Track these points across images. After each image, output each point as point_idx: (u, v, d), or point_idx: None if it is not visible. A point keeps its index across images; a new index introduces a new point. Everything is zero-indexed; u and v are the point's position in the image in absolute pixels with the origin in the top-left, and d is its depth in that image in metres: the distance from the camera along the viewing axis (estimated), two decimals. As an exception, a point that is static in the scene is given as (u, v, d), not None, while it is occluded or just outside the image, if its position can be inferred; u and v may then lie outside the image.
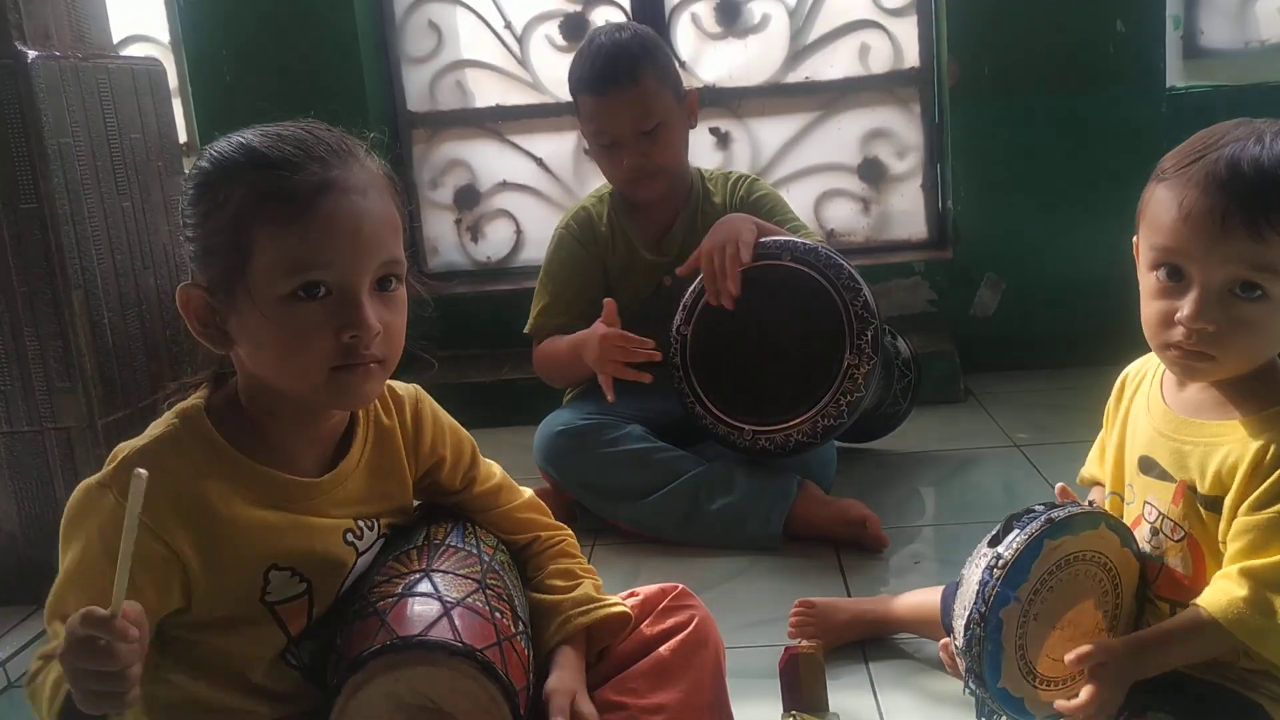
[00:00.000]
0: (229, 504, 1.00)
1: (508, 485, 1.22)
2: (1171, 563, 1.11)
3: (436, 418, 1.18)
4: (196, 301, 1.00)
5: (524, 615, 1.09)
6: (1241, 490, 1.04)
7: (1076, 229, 2.74)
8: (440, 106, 3.12)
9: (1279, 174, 0.98)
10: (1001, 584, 1.04)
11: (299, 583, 1.04)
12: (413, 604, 1.00)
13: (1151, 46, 2.71)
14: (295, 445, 1.05)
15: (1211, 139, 1.03)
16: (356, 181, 0.99)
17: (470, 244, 3.18)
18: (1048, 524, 1.06)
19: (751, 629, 1.60)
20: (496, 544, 1.17)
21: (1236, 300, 1.01)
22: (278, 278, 0.96)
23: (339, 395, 1.01)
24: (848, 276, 1.87)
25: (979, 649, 1.05)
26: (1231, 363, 1.05)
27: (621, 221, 2.14)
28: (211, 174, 0.99)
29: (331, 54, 2.90)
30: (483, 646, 0.97)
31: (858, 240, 3.02)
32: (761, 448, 1.89)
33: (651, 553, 1.92)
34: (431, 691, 0.95)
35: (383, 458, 1.12)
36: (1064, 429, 2.35)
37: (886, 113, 2.98)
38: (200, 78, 2.95)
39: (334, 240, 0.96)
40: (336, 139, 1.02)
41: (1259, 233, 0.99)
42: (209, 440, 1.01)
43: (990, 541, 1.09)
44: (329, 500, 1.06)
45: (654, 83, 2.02)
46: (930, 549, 1.88)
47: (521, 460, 2.20)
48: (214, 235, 0.98)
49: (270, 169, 0.97)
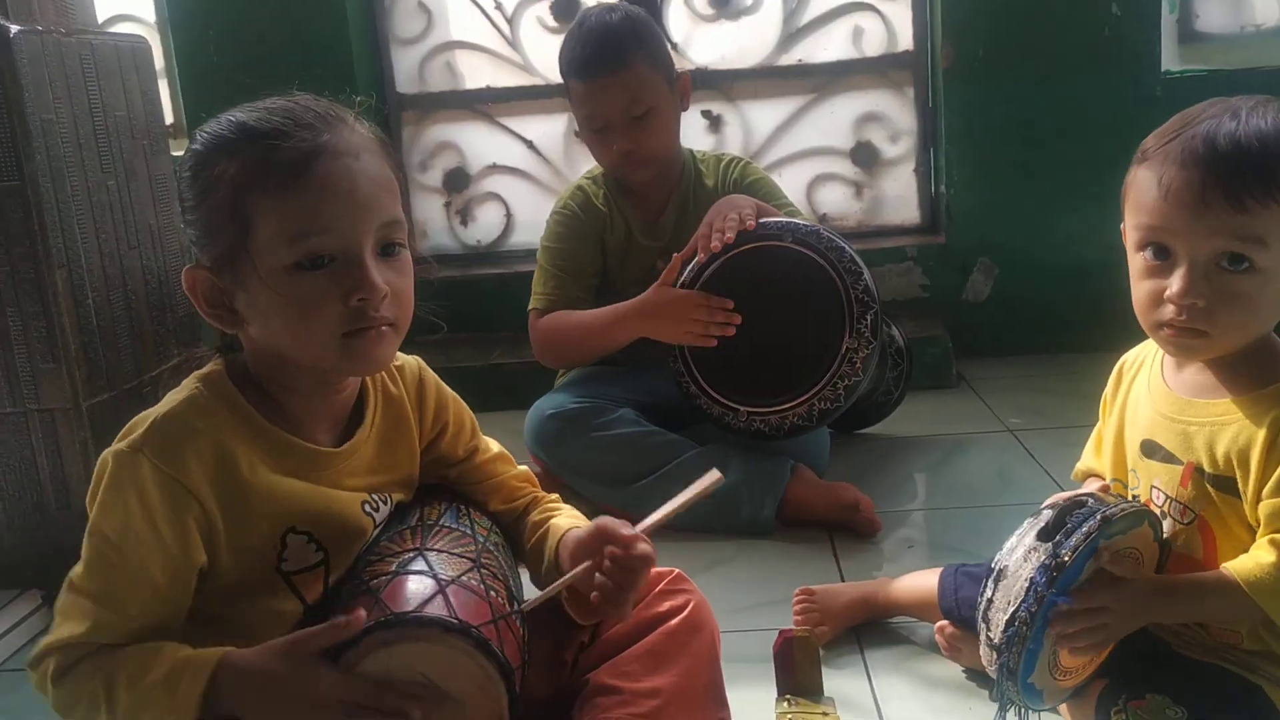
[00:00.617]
0: (254, 468, 1.01)
1: (505, 456, 1.24)
2: (1181, 546, 1.10)
3: (439, 387, 1.19)
4: (203, 283, 1.00)
5: (518, 594, 1.08)
6: (1260, 474, 1.03)
7: (1070, 214, 2.73)
8: (430, 88, 3.09)
9: (1255, 145, 0.99)
10: (1058, 585, 1.02)
11: (316, 551, 1.04)
12: (407, 582, 0.99)
13: (1146, 30, 2.70)
14: (310, 417, 1.06)
15: (1189, 118, 1.03)
16: (348, 145, 1.00)
17: (460, 227, 3.15)
18: (1104, 523, 1.04)
19: (745, 613, 1.59)
20: (490, 526, 1.17)
21: (1224, 273, 1.01)
22: (280, 248, 0.96)
23: (354, 361, 1.01)
24: (849, 259, 1.85)
25: (1020, 647, 1.03)
26: (1224, 337, 1.05)
27: (618, 202, 2.13)
28: (204, 154, 0.99)
29: (320, 35, 2.87)
30: (478, 624, 0.95)
31: (850, 225, 3.00)
32: (756, 429, 1.88)
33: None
34: (427, 669, 0.94)
35: (392, 427, 1.13)
36: (1056, 414, 2.35)
37: (880, 96, 2.96)
38: (186, 58, 2.92)
39: (331, 204, 0.97)
40: (324, 106, 1.02)
41: (1240, 203, 0.99)
42: (234, 404, 1.02)
43: (1041, 534, 1.06)
44: (345, 470, 1.07)
45: (645, 67, 1.99)
46: (923, 533, 1.88)
47: (512, 444, 2.17)
48: (212, 214, 0.98)
49: (260, 140, 0.97)
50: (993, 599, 1.07)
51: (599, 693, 1.12)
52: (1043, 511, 1.09)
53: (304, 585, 1.04)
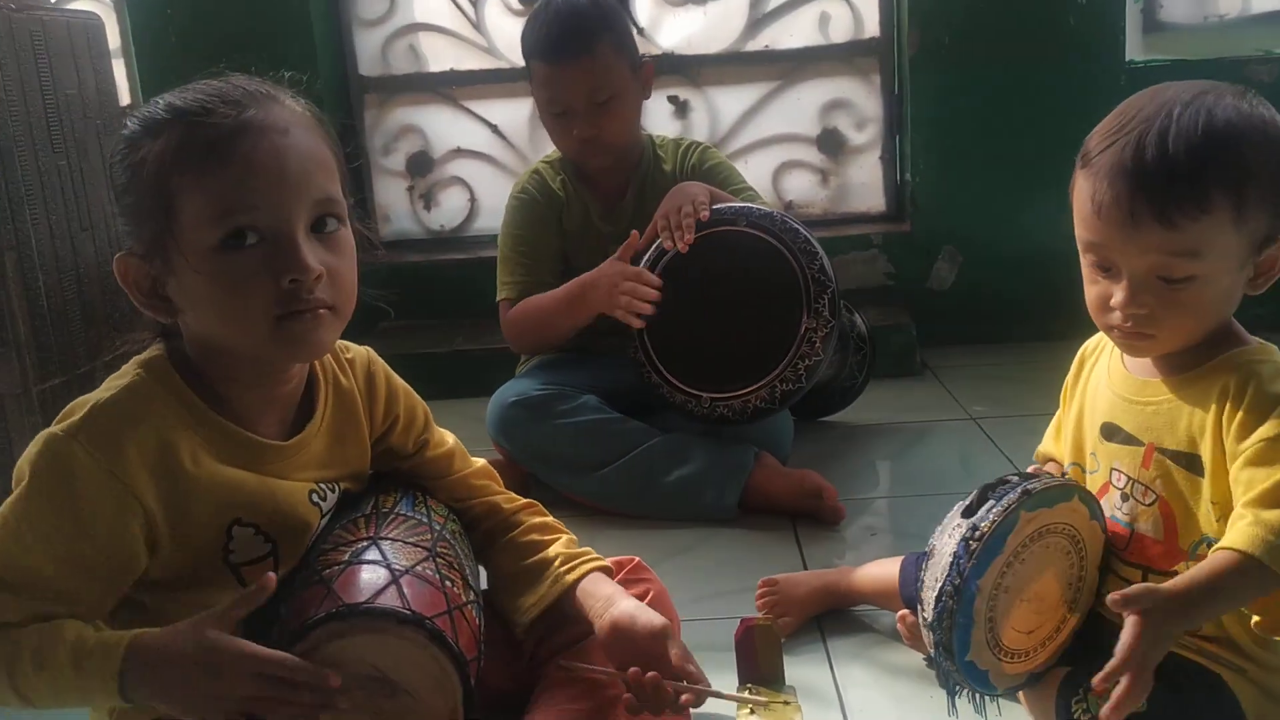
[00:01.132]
0: (196, 458, 0.98)
1: (461, 452, 1.21)
2: (1142, 528, 1.10)
3: (390, 379, 1.16)
4: (135, 271, 0.97)
5: (475, 585, 1.06)
6: (1215, 438, 1.02)
7: (1034, 202, 2.73)
8: (393, 71, 3.05)
9: (1183, 159, 0.97)
10: (977, 558, 1.02)
11: (264, 543, 1.02)
12: (360, 571, 0.97)
13: (1111, 19, 2.71)
14: (254, 409, 1.03)
15: (1126, 117, 1.02)
16: (275, 120, 0.96)
17: (423, 212, 3.12)
18: (1024, 495, 1.04)
19: (707, 601, 1.58)
20: (447, 514, 1.15)
21: (1165, 285, 1.01)
22: (203, 228, 0.93)
23: (289, 346, 0.97)
24: (804, 241, 1.85)
25: (949, 622, 1.03)
26: (1172, 339, 1.05)
27: (576, 186, 2.11)
28: (131, 137, 0.97)
29: (280, 15, 2.82)
30: (432, 615, 0.94)
31: (815, 212, 3.00)
32: (720, 415, 1.87)
33: (607, 525, 1.89)
34: (380, 661, 0.92)
35: (343, 420, 1.10)
36: (1019, 401, 2.35)
37: (846, 83, 2.95)
38: (144, 38, 2.86)
39: (256, 181, 0.93)
40: (255, 84, 0.99)
41: (1169, 220, 0.98)
42: (176, 391, 0.99)
43: (964, 512, 1.07)
44: (293, 464, 1.04)
45: (610, 53, 1.97)
46: (886, 521, 1.88)
47: (475, 432, 2.16)
48: (140, 198, 0.95)
49: (183, 118, 0.94)
50: (923, 579, 1.07)
51: (559, 681, 1.11)
52: (971, 493, 1.09)
53: (253, 577, 1.00)
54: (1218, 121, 0.98)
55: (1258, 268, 1.03)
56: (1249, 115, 1.00)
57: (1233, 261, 1.01)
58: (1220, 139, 0.97)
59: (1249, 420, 0.99)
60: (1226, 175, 0.97)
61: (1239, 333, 1.08)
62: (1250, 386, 1.01)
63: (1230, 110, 0.99)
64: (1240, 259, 1.02)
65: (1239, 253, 1.01)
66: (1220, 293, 1.03)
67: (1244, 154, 0.98)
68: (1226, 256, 1.01)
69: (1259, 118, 1.01)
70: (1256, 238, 1.01)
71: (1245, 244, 1.01)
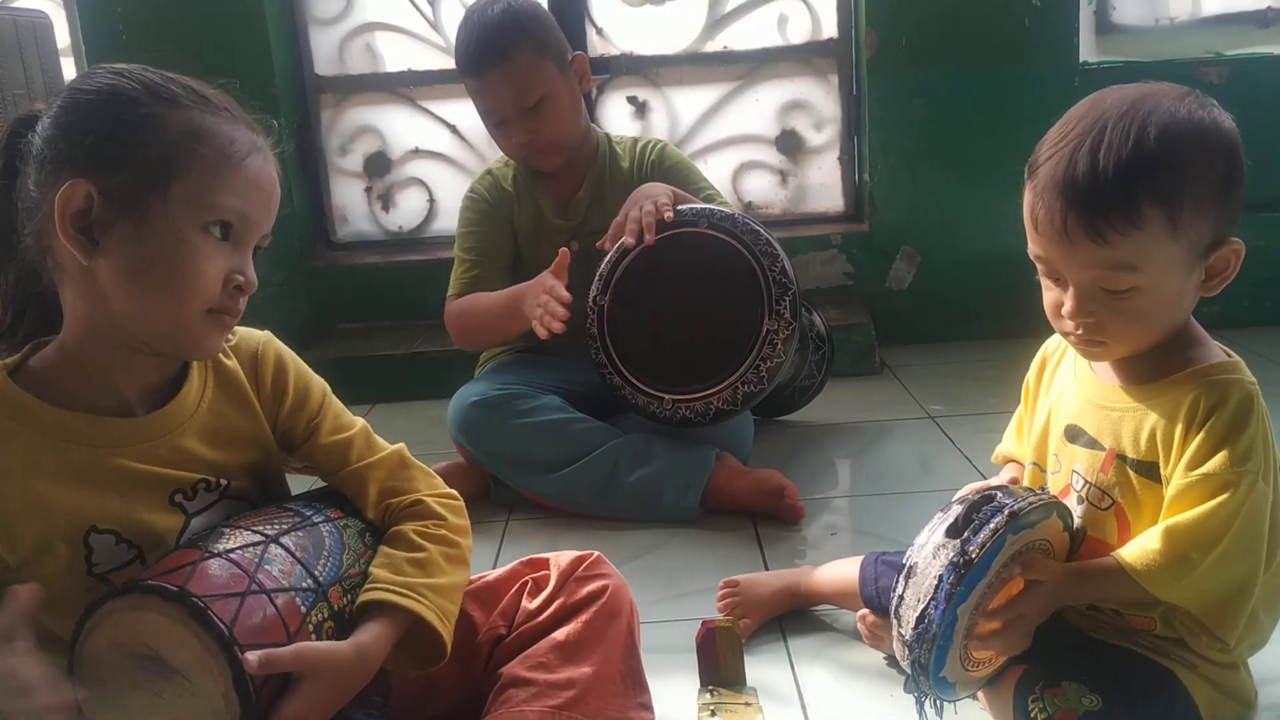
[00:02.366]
0: (34, 466, 0.96)
1: (362, 442, 1.13)
2: (1096, 532, 1.11)
3: (280, 356, 1.13)
4: (80, 200, 0.95)
5: (326, 576, 1.00)
6: (1177, 457, 1.04)
7: (990, 202, 2.76)
8: (349, 70, 3.02)
9: (1112, 176, 0.97)
10: (965, 584, 1.02)
11: (128, 549, 0.99)
12: (176, 555, 0.94)
13: (1065, 21, 2.74)
14: (119, 384, 1.02)
15: (1065, 129, 1.03)
16: (271, 153, 1.05)
17: (381, 213, 3.09)
18: (1011, 519, 1.03)
19: (669, 602, 1.58)
20: (350, 512, 1.10)
21: (1108, 295, 1.02)
22: (200, 203, 0.97)
23: (203, 340, 1.02)
24: (765, 243, 1.86)
25: (930, 645, 1.03)
26: (1124, 346, 1.07)
27: (528, 183, 2.12)
28: (144, 92, 0.98)
29: (235, 13, 2.79)
30: (210, 593, 0.89)
31: (775, 213, 3.01)
32: (682, 417, 1.87)
33: (568, 526, 1.89)
34: (151, 640, 0.88)
35: (226, 400, 1.08)
36: (977, 400, 2.37)
37: (804, 84, 2.97)
38: (93, 36, 2.81)
39: (253, 195, 1.01)
40: (252, 113, 1.06)
41: (1101, 237, 0.99)
42: (5, 396, 0.98)
43: (949, 531, 1.05)
44: (162, 447, 1.02)
45: (529, 56, 1.97)
46: (846, 519, 1.88)
47: (435, 434, 2.15)
48: (139, 147, 0.96)
49: (214, 112, 1.00)
50: (904, 596, 1.06)
51: (512, 685, 1.10)
52: (952, 506, 1.08)
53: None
54: (1149, 133, 0.98)
55: (1209, 270, 1.04)
56: (1185, 120, 1.00)
57: (1175, 269, 1.02)
58: (1151, 152, 0.97)
59: (1201, 451, 1.02)
60: (1157, 189, 0.97)
61: (1201, 338, 1.09)
62: (1215, 415, 1.02)
63: (1165, 117, 0.99)
64: (1184, 265, 1.02)
65: (1181, 260, 1.02)
66: (1167, 299, 1.04)
67: (1176, 165, 0.98)
68: (1167, 265, 1.01)
69: (1196, 122, 1.00)
70: (1200, 243, 1.02)
71: (1186, 251, 1.01)
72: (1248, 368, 1.08)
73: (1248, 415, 1.02)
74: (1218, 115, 1.03)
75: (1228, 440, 1.00)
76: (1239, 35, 2.89)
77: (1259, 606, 1.08)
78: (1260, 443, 1.02)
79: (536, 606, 1.17)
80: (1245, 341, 2.29)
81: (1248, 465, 1.00)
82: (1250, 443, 1.01)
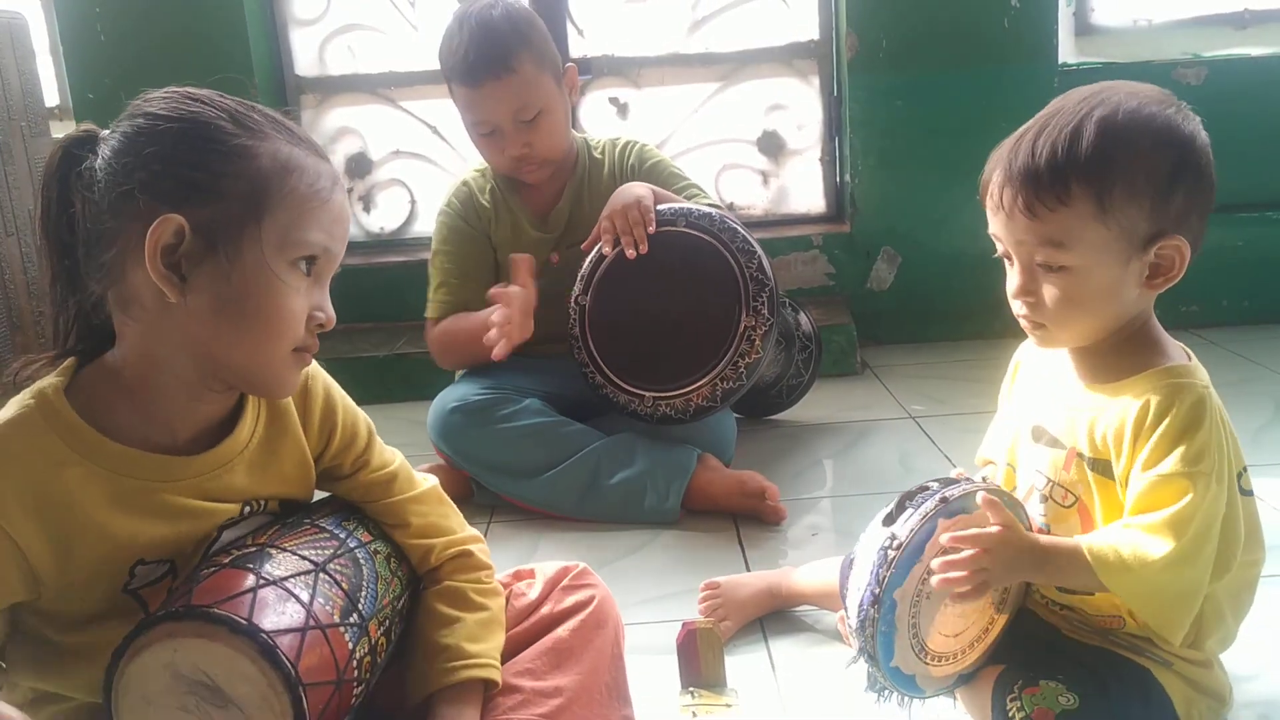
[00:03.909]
0: (89, 495, 0.93)
1: (405, 476, 1.14)
2: (1060, 531, 1.12)
3: (329, 392, 1.11)
4: (170, 235, 0.91)
5: (367, 608, 1.00)
6: (1131, 455, 1.05)
7: (970, 203, 2.72)
8: (330, 71, 3.01)
9: (1045, 154, 1.02)
10: (896, 566, 1.03)
11: (160, 566, 0.97)
12: (228, 575, 0.92)
13: (1045, 23, 2.76)
14: (174, 421, 0.98)
15: (1029, 124, 1.08)
16: (343, 185, 1.02)
17: (362, 214, 3.09)
18: (942, 503, 1.05)
19: (650, 604, 1.58)
20: (378, 535, 1.10)
21: (1046, 273, 1.06)
22: (290, 242, 0.95)
23: (284, 378, 1.00)
24: (742, 240, 1.87)
25: (872, 630, 1.04)
26: (1060, 330, 1.09)
27: (506, 196, 2.08)
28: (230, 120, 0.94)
29: (214, 14, 2.78)
30: (277, 629, 0.89)
31: (756, 214, 3.01)
32: (663, 414, 1.87)
33: (549, 529, 1.88)
34: (210, 668, 0.87)
35: (276, 435, 1.06)
36: (958, 400, 2.38)
37: (786, 85, 2.97)
38: (72, 37, 2.79)
39: (337, 231, 0.99)
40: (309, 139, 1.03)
41: (1030, 210, 1.04)
42: (67, 423, 0.93)
43: (885, 520, 1.08)
44: (210, 481, 0.99)
45: (532, 69, 1.93)
46: (827, 520, 1.89)
47: (416, 437, 2.14)
48: (231, 179, 0.92)
49: (296, 143, 0.97)
50: (848, 587, 1.09)
51: (499, 692, 1.09)
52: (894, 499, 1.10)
53: (152, 597, 0.97)
54: (1091, 119, 1.02)
55: (1153, 268, 1.05)
56: (1134, 112, 1.03)
57: (1108, 255, 1.04)
58: (1086, 135, 1.02)
59: (1156, 452, 1.03)
60: (1086, 170, 1.01)
61: (1162, 342, 1.10)
62: (1169, 417, 1.03)
63: (1112, 107, 1.03)
64: (1119, 254, 1.04)
65: (1114, 247, 1.03)
66: (1102, 287, 1.05)
67: (1109, 150, 1.01)
68: (1098, 249, 1.03)
69: (1146, 115, 1.03)
70: (1135, 234, 1.03)
71: (1119, 239, 1.03)
72: (1224, 368, 1.10)
73: (1200, 417, 1.03)
74: (1180, 117, 1.05)
75: (1182, 440, 1.02)
76: (1217, 36, 2.91)
77: (1225, 605, 1.10)
78: (1214, 445, 1.03)
79: (521, 614, 1.17)
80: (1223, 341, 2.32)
81: (1201, 465, 1.01)
82: (1204, 444, 1.02)
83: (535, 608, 1.17)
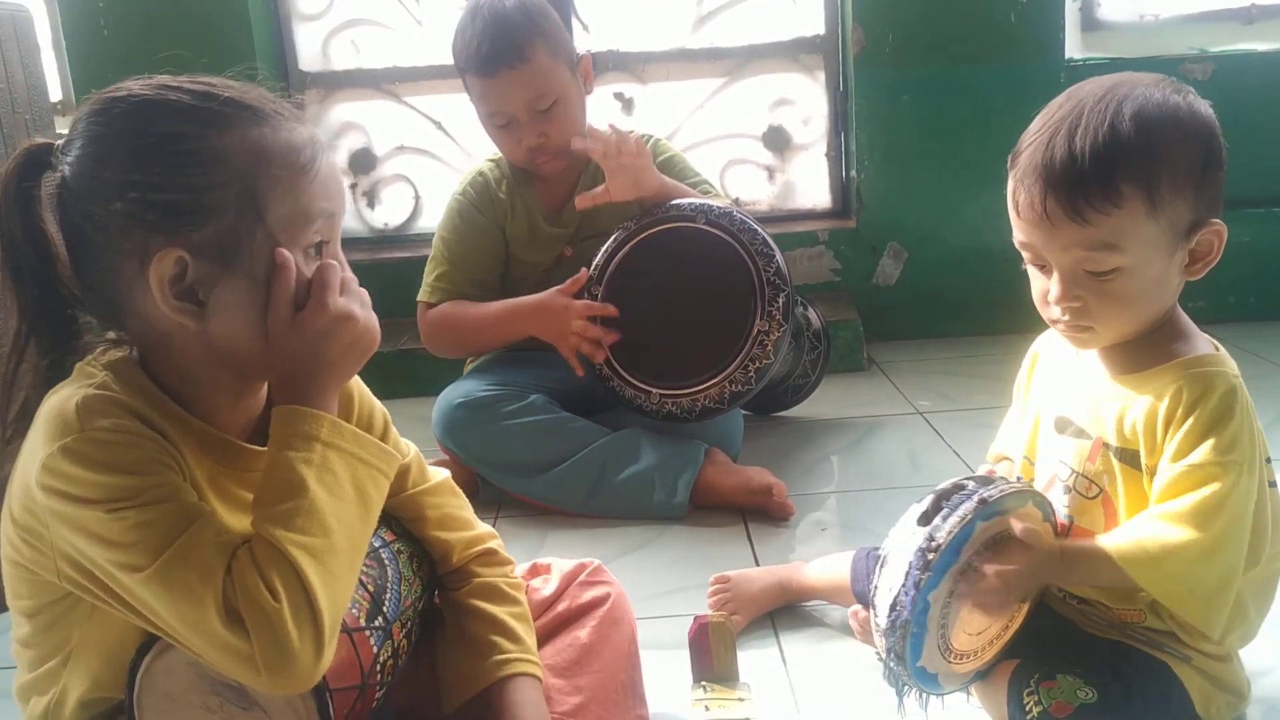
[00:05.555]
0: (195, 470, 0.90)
1: (419, 466, 1.13)
2: (1084, 522, 1.11)
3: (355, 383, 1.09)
4: (171, 267, 0.85)
5: (391, 611, 1.00)
6: (1161, 444, 1.04)
7: (977, 198, 2.76)
8: (333, 66, 3.00)
9: (1088, 154, 0.99)
10: (934, 569, 1.01)
11: None
12: None
13: (1051, 18, 2.75)
14: (225, 413, 0.95)
15: (1046, 119, 1.05)
16: (322, 138, 0.94)
17: (366, 210, 3.08)
18: (980, 505, 1.03)
19: (660, 599, 1.57)
20: (402, 533, 1.09)
21: (1093, 278, 1.03)
22: (296, 230, 0.89)
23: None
24: (761, 242, 1.85)
25: (903, 631, 1.03)
26: (1110, 330, 1.07)
27: (520, 189, 2.06)
28: (188, 120, 0.86)
29: (218, 9, 2.77)
30: None
31: (762, 209, 3.00)
32: (668, 412, 1.86)
33: (557, 525, 1.88)
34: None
35: None
36: (965, 396, 2.38)
37: (791, 80, 2.96)
38: (75, 30, 2.79)
39: (333, 189, 0.92)
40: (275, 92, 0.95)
41: (1082, 217, 1.00)
42: (148, 394, 0.89)
43: (920, 519, 1.05)
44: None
45: (547, 58, 1.92)
46: (835, 516, 1.88)
47: (420, 433, 2.13)
48: (211, 190, 0.86)
49: (267, 120, 0.89)
50: (878, 586, 1.07)
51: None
52: (926, 497, 1.08)
53: None
54: (1124, 115, 1.00)
55: (1192, 254, 1.05)
56: (1161, 104, 1.01)
57: (1158, 250, 1.03)
58: (1126, 132, 0.99)
59: (1187, 442, 1.02)
60: (1134, 167, 0.99)
61: (1189, 332, 1.10)
62: (1200, 407, 1.02)
63: (1140, 101, 1.01)
64: (1166, 247, 1.03)
65: (1163, 241, 1.02)
66: (1151, 281, 1.04)
67: (1152, 144, 0.99)
68: (1149, 246, 1.02)
69: (1172, 106, 1.02)
70: (1180, 225, 1.02)
71: (1167, 232, 1.02)
72: (1234, 362, 1.08)
73: (1232, 407, 1.02)
74: (1193, 100, 1.04)
75: (1213, 431, 1.01)
76: (1224, 31, 2.90)
77: (1248, 599, 1.09)
78: (1245, 435, 1.02)
79: (538, 608, 1.17)
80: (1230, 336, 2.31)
81: (1233, 455, 1.00)
82: (1235, 434, 1.01)
83: (552, 603, 1.16)
